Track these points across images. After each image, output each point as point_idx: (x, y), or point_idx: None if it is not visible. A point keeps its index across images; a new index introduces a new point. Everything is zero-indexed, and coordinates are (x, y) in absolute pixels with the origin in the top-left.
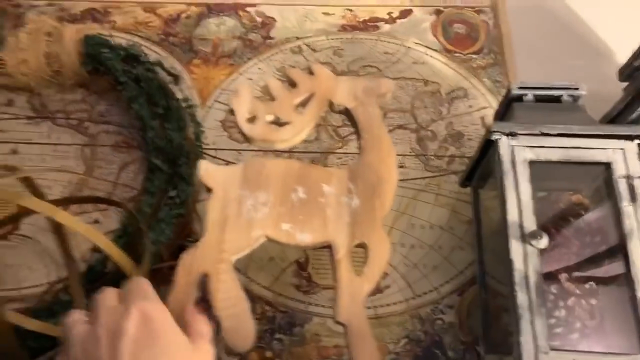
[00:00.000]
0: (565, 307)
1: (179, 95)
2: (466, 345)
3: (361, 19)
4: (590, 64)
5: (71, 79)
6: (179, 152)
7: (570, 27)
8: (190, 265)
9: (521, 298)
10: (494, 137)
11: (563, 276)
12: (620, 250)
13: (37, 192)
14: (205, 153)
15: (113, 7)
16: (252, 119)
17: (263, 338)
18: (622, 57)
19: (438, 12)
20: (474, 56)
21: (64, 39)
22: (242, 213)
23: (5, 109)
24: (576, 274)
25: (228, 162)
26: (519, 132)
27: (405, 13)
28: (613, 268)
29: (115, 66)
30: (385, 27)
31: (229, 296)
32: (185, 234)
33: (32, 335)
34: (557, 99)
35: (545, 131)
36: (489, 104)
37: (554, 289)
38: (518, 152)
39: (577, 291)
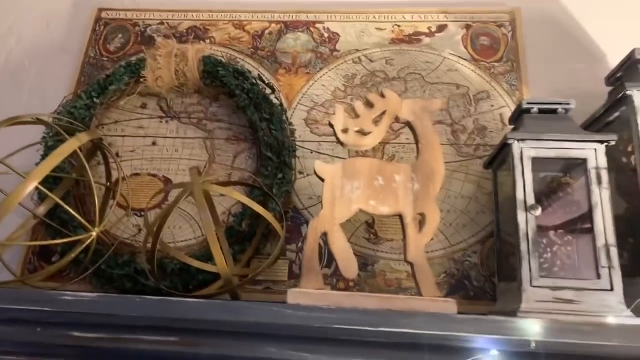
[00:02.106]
0: (551, 252)
1: (275, 101)
2: (485, 277)
3: (407, 33)
4: (588, 67)
5: (191, 89)
6: (282, 146)
7: (573, 37)
8: (315, 227)
9: (523, 246)
10: (509, 141)
11: (551, 232)
12: (588, 215)
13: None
14: (297, 145)
15: (210, 25)
16: (345, 130)
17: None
18: (615, 62)
19: (468, 27)
20: (495, 64)
21: (188, 59)
22: (344, 194)
23: (141, 110)
24: (559, 230)
25: (312, 151)
26: (526, 138)
27: (442, 27)
28: (583, 226)
29: (230, 81)
30: (426, 40)
31: (340, 245)
32: (289, 203)
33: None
34: (554, 111)
35: (543, 138)
36: (506, 103)
37: (544, 240)
38: (525, 151)
39: (559, 241)
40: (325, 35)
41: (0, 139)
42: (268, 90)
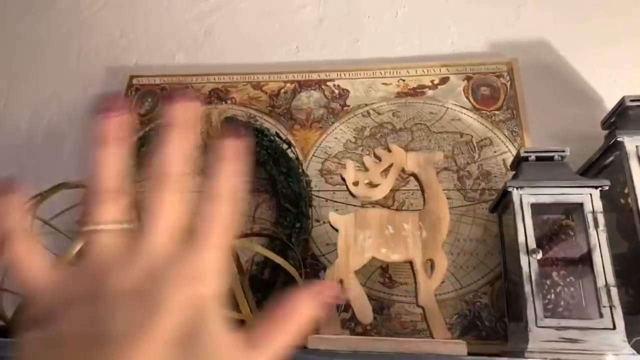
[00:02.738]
0: (554, 293)
1: (291, 155)
2: (496, 318)
3: (411, 87)
4: (585, 112)
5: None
6: (299, 197)
7: (569, 83)
8: (332, 274)
9: (527, 288)
10: (509, 189)
11: (554, 273)
12: (588, 256)
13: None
14: (313, 195)
15: (231, 86)
16: (356, 183)
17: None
18: (610, 106)
19: (468, 78)
20: (496, 112)
21: (212, 121)
22: (357, 243)
23: None
24: (562, 272)
25: (327, 200)
26: (524, 185)
27: (444, 80)
28: (583, 268)
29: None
30: (430, 92)
31: (355, 292)
32: (307, 251)
33: None
34: (550, 158)
35: (540, 185)
36: (508, 149)
37: (548, 281)
38: (524, 197)
39: (562, 283)
40: (336, 92)
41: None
42: (285, 146)
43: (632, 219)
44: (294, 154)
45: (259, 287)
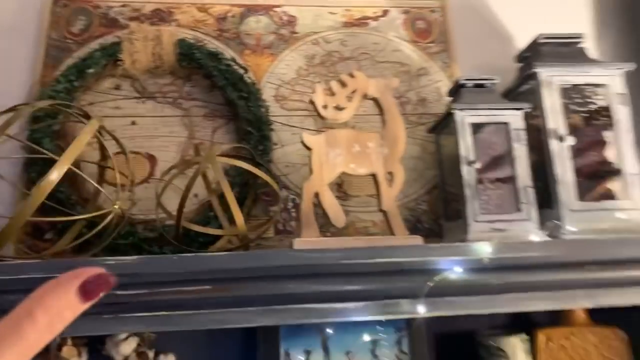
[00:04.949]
0: (486, 196)
1: (248, 80)
2: (433, 220)
3: (356, 17)
4: (504, 47)
5: (166, 70)
6: (262, 121)
7: (491, 22)
8: (309, 188)
9: (467, 192)
10: (452, 111)
11: (487, 180)
12: (511, 165)
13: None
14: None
15: (174, 7)
16: (325, 107)
17: (323, 226)
18: (522, 43)
19: (407, 12)
20: (430, 45)
21: (163, 43)
22: (329, 160)
23: (116, 91)
24: (492, 178)
25: (283, 124)
26: (465, 108)
27: (385, 12)
28: (508, 175)
29: (207, 63)
30: (373, 24)
31: (330, 201)
32: (269, 170)
33: (195, 235)
34: (483, 86)
35: (478, 107)
36: (441, 78)
37: (481, 186)
38: (465, 118)
39: (492, 187)
40: (284, 18)
41: None
42: (241, 71)
43: (540, 136)
44: (250, 79)
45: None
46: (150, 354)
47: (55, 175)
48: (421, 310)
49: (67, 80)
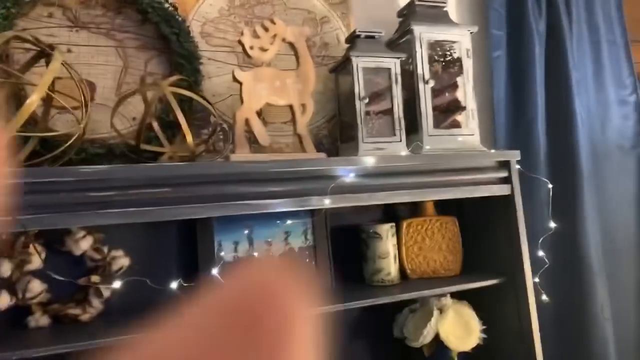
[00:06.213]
0: (372, 124)
1: (178, 17)
2: (331, 143)
3: None
4: (393, 3)
5: (99, 2)
6: (193, 56)
7: None
8: (240, 115)
9: (358, 120)
10: (350, 57)
11: (372, 112)
12: (391, 101)
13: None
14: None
15: None
16: (251, 47)
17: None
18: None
19: None
20: None
21: None
22: (256, 92)
23: (48, 19)
24: (376, 110)
25: (209, 59)
26: (359, 55)
27: None
28: (388, 108)
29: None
30: None
31: (258, 124)
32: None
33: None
34: (373, 37)
35: (369, 55)
36: (339, 27)
37: (368, 117)
38: (359, 63)
39: (376, 117)
40: None
41: None
42: (171, 8)
43: (412, 79)
44: (179, 17)
45: (167, 127)
46: (104, 249)
47: (35, 97)
48: (327, 202)
49: (3, 7)
